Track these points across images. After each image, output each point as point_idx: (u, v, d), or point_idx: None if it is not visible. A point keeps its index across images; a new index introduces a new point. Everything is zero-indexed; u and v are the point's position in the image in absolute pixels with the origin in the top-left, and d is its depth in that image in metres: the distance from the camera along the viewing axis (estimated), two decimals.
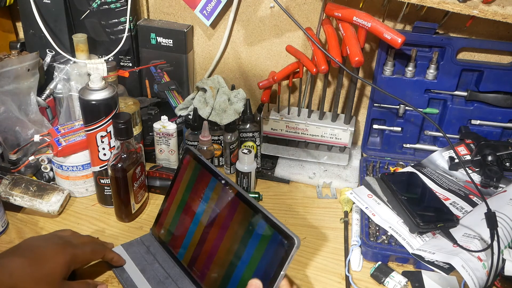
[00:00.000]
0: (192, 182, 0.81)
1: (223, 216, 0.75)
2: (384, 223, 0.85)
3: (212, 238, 0.75)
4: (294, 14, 1.02)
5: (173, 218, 0.83)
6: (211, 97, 1.00)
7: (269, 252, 0.66)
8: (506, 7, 0.82)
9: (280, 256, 0.64)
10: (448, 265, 0.74)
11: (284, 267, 0.63)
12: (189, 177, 0.82)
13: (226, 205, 0.74)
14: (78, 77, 1.02)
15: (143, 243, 0.84)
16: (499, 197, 0.86)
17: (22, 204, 0.90)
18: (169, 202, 0.84)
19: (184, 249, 0.79)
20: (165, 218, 0.84)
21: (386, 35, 0.83)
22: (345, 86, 1.07)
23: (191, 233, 0.79)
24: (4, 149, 0.96)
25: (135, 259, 0.81)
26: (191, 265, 0.78)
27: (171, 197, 0.84)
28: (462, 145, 1.01)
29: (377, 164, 1.04)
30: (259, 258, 0.67)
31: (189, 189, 0.81)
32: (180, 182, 0.83)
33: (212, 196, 0.77)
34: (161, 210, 0.85)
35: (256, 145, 1.04)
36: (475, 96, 0.99)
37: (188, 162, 0.82)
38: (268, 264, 0.66)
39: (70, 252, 0.71)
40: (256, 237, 0.69)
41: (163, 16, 1.09)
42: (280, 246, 0.65)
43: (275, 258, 0.65)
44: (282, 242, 0.64)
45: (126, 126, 0.82)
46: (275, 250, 0.65)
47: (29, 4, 1.00)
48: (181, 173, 0.83)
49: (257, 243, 0.68)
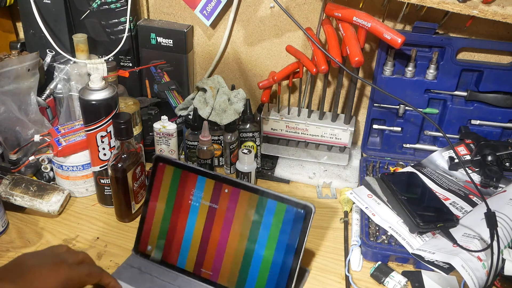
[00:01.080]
0: (174, 188, 0.79)
1: (223, 210, 0.75)
2: (384, 223, 0.85)
3: (216, 234, 0.75)
4: (294, 14, 1.02)
5: (160, 231, 0.80)
6: (211, 97, 1.00)
7: (287, 226, 0.71)
8: (506, 7, 0.82)
9: (300, 225, 0.70)
10: (448, 265, 0.74)
11: (307, 234, 0.69)
12: (169, 184, 0.79)
13: (224, 198, 0.75)
14: (78, 77, 1.02)
15: (131, 266, 0.80)
16: (499, 197, 0.86)
17: (22, 204, 0.90)
18: (149, 218, 0.80)
19: (184, 256, 0.78)
20: (149, 235, 0.80)
21: (386, 35, 0.83)
22: (345, 86, 1.07)
23: (188, 238, 0.78)
24: (4, 149, 0.96)
25: (132, 282, 0.76)
26: (198, 268, 0.77)
27: (150, 212, 0.80)
28: (462, 145, 1.01)
29: (377, 164, 1.05)
30: (277, 235, 0.72)
31: (172, 197, 0.79)
32: (158, 193, 0.80)
33: (204, 194, 0.76)
34: (141, 229, 0.81)
35: (256, 145, 1.04)
36: (475, 96, 0.99)
37: (163, 170, 0.79)
38: (289, 237, 0.71)
39: (64, 273, 0.66)
40: (268, 217, 0.72)
41: (163, 16, 1.09)
42: (297, 217, 0.70)
43: (295, 229, 0.70)
44: (298, 213, 0.70)
45: (126, 126, 0.82)
46: (293, 222, 0.70)
47: (29, 4, 1.00)
48: (157, 185, 0.80)
49: (271, 221, 0.72)
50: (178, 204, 0.79)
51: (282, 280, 0.71)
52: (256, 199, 0.73)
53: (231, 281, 0.75)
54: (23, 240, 0.86)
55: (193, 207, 0.77)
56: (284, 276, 0.71)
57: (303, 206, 0.70)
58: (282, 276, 0.72)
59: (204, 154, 0.95)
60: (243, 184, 0.74)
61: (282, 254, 0.72)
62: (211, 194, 0.76)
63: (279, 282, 0.72)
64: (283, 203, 0.71)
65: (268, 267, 0.72)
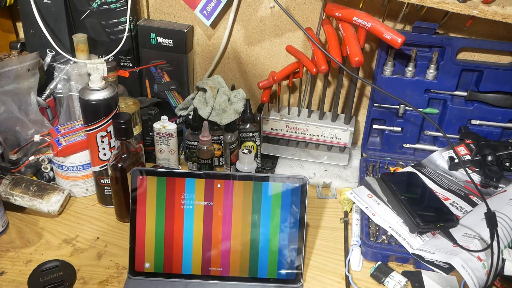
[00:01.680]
0: (162, 198, 0.77)
1: (220, 205, 0.76)
2: (384, 223, 0.85)
3: (218, 230, 0.76)
4: (294, 14, 1.02)
5: (156, 245, 0.77)
6: (211, 97, 1.00)
7: (287, 202, 0.77)
8: (506, 7, 0.82)
9: (298, 198, 0.76)
10: (448, 265, 0.74)
11: (306, 204, 0.76)
12: (155, 195, 0.77)
13: (218, 193, 0.75)
14: (78, 77, 1.02)
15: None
16: (499, 197, 0.86)
17: (22, 204, 0.90)
18: (140, 236, 0.77)
19: (188, 261, 0.77)
20: (143, 252, 0.77)
21: (386, 35, 0.83)
22: (345, 86, 1.07)
23: (188, 243, 0.77)
24: (4, 149, 0.96)
25: None
26: (206, 268, 0.77)
27: (140, 230, 0.77)
28: (462, 145, 1.01)
29: (377, 164, 1.05)
30: (278, 214, 0.77)
31: (161, 207, 0.77)
32: (145, 207, 0.77)
33: (197, 195, 0.77)
34: (133, 249, 0.78)
35: (256, 145, 1.04)
36: (475, 96, 0.99)
37: (144, 183, 0.77)
38: (290, 212, 0.76)
39: None
40: (266, 199, 0.77)
41: (163, 16, 1.09)
42: (295, 190, 0.76)
43: (295, 203, 0.76)
44: (294, 187, 0.76)
45: (126, 126, 0.82)
46: (292, 196, 0.76)
47: (29, 4, 1.00)
48: (141, 199, 0.77)
49: (270, 202, 0.77)
50: (169, 212, 0.77)
51: (292, 255, 0.76)
52: (251, 186, 0.76)
53: (243, 271, 0.77)
54: (23, 240, 0.86)
55: (187, 210, 0.77)
56: (294, 251, 0.77)
57: (296, 179, 0.76)
58: (291, 251, 0.76)
59: (204, 154, 0.95)
60: (234, 175, 0.77)
61: (287, 230, 0.77)
62: (203, 193, 0.76)
63: (290, 258, 0.76)
64: (278, 183, 0.76)
65: (277, 246, 0.77)
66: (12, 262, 0.81)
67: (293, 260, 0.77)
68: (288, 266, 0.77)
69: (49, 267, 0.79)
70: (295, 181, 0.76)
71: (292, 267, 0.77)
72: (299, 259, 0.77)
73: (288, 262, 0.77)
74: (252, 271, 0.77)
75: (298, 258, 0.77)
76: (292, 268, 0.77)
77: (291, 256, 0.77)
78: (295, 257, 0.77)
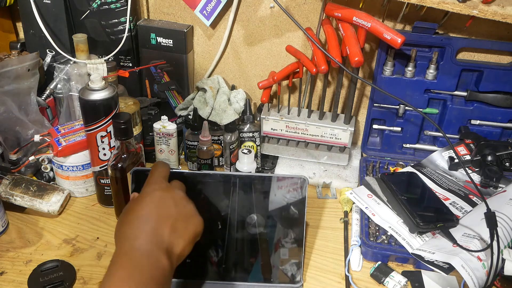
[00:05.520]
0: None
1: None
2: (384, 223, 0.85)
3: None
4: (294, 14, 1.02)
5: None
6: (211, 97, 1.00)
7: (286, 201, 0.77)
8: (506, 7, 0.82)
9: (298, 197, 0.77)
10: (448, 265, 0.74)
11: (306, 203, 0.77)
12: None
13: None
14: (78, 77, 1.02)
15: None
16: (498, 197, 0.86)
17: (22, 204, 0.90)
18: None
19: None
20: None
21: (386, 35, 0.83)
22: (345, 86, 1.07)
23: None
24: (4, 149, 0.96)
25: None
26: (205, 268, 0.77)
27: None
28: (462, 145, 1.01)
29: (377, 164, 1.05)
30: (278, 213, 0.77)
31: None
32: None
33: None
34: None
35: (256, 145, 1.04)
36: (475, 96, 0.99)
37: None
38: (290, 211, 0.77)
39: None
40: (266, 199, 0.77)
41: (163, 16, 1.09)
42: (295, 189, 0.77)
43: (295, 202, 0.77)
44: (294, 187, 0.76)
45: (126, 126, 0.82)
46: (291, 196, 0.77)
47: (29, 4, 1.00)
48: None
49: (270, 202, 0.77)
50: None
51: (292, 255, 0.78)
52: (251, 186, 0.76)
53: (242, 271, 0.78)
54: (23, 240, 0.86)
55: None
56: (293, 251, 0.78)
57: (297, 179, 0.77)
58: (291, 251, 0.78)
59: (204, 154, 0.95)
60: (234, 175, 0.77)
61: (287, 230, 0.77)
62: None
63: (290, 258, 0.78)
64: (278, 182, 0.76)
65: (276, 246, 0.77)
66: (12, 262, 0.81)
67: (293, 260, 0.77)
68: (288, 266, 0.77)
69: (49, 267, 0.79)
70: (295, 181, 0.77)
71: (292, 267, 0.78)
72: (299, 259, 0.77)
73: (288, 262, 0.77)
74: (252, 271, 0.77)
75: (298, 258, 0.77)
76: (292, 268, 0.78)
77: (291, 256, 0.78)
78: (295, 257, 0.78)
